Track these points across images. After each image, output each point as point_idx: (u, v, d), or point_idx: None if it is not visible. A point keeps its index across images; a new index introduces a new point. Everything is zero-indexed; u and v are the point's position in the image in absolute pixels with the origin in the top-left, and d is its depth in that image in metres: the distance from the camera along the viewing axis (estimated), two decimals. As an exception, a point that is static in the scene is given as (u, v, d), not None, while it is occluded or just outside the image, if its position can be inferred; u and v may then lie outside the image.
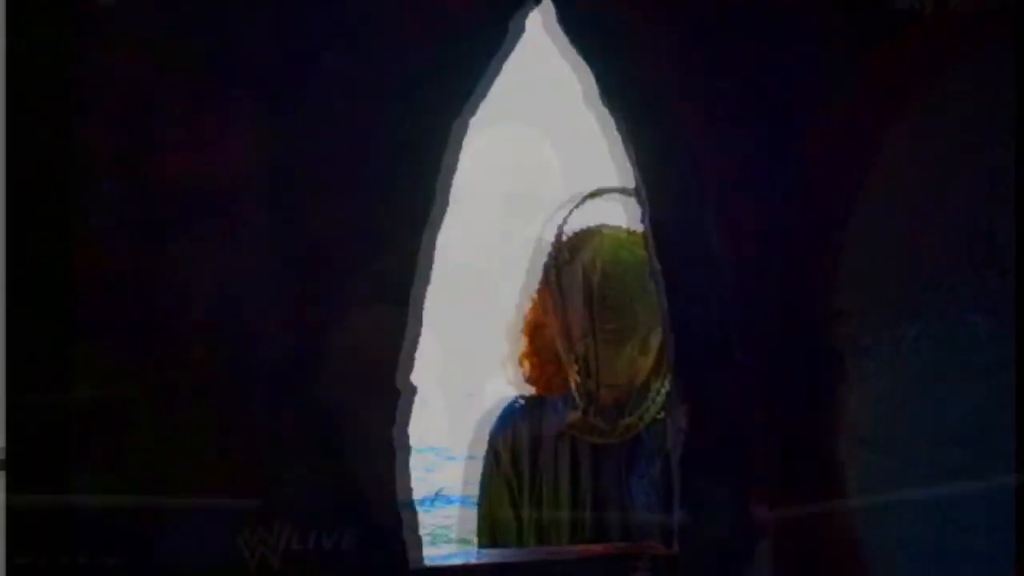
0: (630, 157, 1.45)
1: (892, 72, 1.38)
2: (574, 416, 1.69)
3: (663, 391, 1.68)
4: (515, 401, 1.82)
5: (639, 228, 1.64)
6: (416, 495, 1.38)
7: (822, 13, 1.40)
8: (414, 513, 1.37)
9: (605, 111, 1.43)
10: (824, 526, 1.42)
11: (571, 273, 1.72)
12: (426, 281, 1.36)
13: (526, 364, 1.81)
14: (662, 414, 1.67)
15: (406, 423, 1.36)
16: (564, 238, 1.75)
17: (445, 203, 1.37)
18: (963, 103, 1.34)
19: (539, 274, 1.78)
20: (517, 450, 1.75)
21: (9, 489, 1.18)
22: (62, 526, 1.21)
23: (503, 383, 1.86)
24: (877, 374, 1.39)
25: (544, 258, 1.77)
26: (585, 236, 1.74)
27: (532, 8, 1.39)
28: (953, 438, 1.33)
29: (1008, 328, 1.29)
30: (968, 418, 1.32)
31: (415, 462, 1.38)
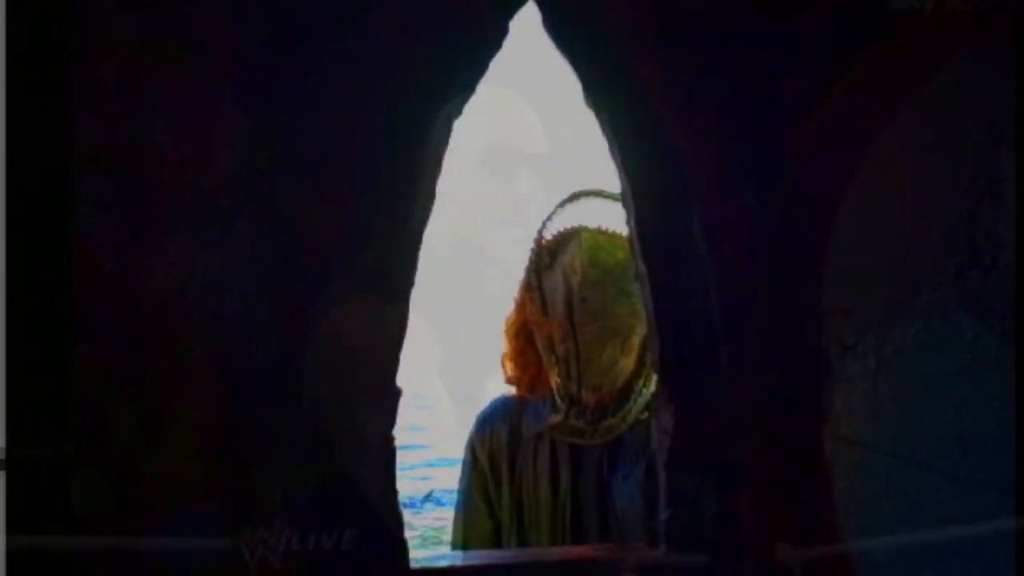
0: (615, 158, 1.45)
1: (879, 72, 1.38)
2: (555, 418, 1.69)
3: (645, 392, 1.68)
4: (494, 403, 1.82)
5: (619, 229, 1.64)
6: (408, 496, 1.38)
7: (811, 13, 1.41)
8: (401, 515, 1.37)
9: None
10: (809, 526, 1.42)
11: (551, 276, 1.73)
12: (414, 280, 1.36)
13: (508, 366, 1.81)
14: (645, 415, 1.67)
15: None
16: (544, 241, 1.75)
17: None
18: (945, 104, 1.35)
19: (521, 277, 1.79)
20: (494, 452, 1.75)
21: (9, 482, 1.18)
22: (62, 524, 1.21)
23: (500, 377, 1.86)
24: (862, 373, 1.40)
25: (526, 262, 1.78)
26: (565, 239, 1.74)
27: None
28: (939, 439, 1.34)
29: (993, 328, 1.30)
30: (953, 417, 1.33)
31: (411, 462, 1.38)
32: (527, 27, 1.43)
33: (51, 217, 1.22)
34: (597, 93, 1.41)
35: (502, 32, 1.38)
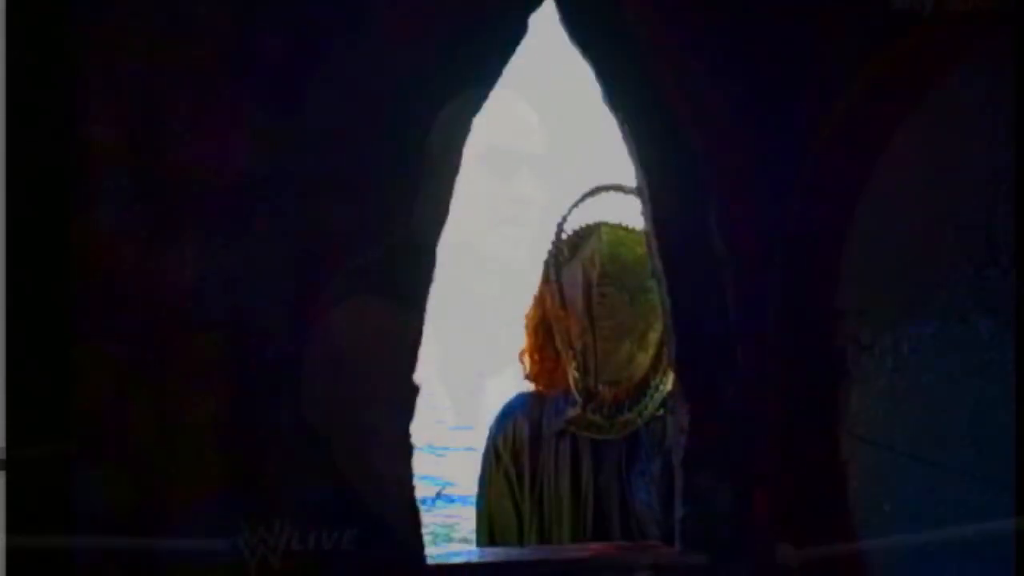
0: (633, 156, 1.45)
1: (894, 72, 1.38)
2: (573, 413, 1.70)
3: (662, 388, 1.69)
4: (516, 398, 1.83)
5: (639, 225, 1.65)
6: (417, 494, 1.39)
7: (824, 13, 1.41)
8: (418, 512, 1.37)
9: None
10: (824, 525, 1.42)
11: (571, 271, 1.73)
12: (432, 279, 1.37)
13: (528, 361, 1.81)
14: (661, 410, 1.68)
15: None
16: (564, 236, 1.76)
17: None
18: (962, 103, 1.35)
19: (541, 272, 1.79)
20: (517, 447, 1.75)
21: (9, 484, 1.18)
22: (62, 524, 1.21)
23: (504, 380, 1.86)
24: (878, 373, 1.40)
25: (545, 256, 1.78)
26: (585, 234, 1.74)
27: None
28: (954, 437, 1.33)
29: (1010, 328, 1.29)
30: (969, 417, 1.32)
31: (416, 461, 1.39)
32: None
33: (59, 215, 1.22)
34: (615, 91, 1.42)
35: (519, 31, 1.38)
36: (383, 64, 1.33)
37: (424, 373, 1.37)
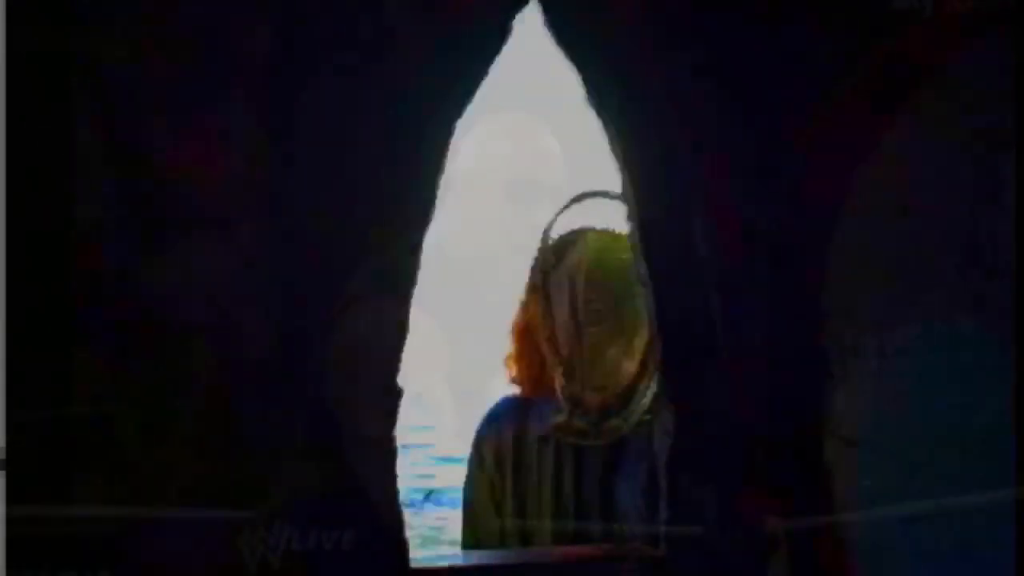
0: (617, 159, 1.45)
1: (884, 74, 1.38)
2: (559, 419, 1.70)
3: (648, 394, 1.69)
4: (501, 403, 1.83)
5: (625, 230, 1.65)
6: (409, 496, 1.38)
7: (814, 13, 1.41)
8: (402, 515, 1.37)
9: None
10: (812, 528, 1.42)
11: (557, 277, 1.73)
12: (415, 284, 1.37)
13: (513, 367, 1.82)
14: (647, 416, 1.68)
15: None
16: (549, 242, 1.76)
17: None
18: (955, 104, 1.35)
19: (526, 278, 1.79)
20: (501, 452, 1.75)
21: (9, 490, 1.18)
22: (61, 526, 1.21)
23: (504, 383, 1.87)
24: (864, 376, 1.40)
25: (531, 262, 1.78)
26: (570, 240, 1.75)
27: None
28: (940, 439, 1.34)
29: (994, 329, 1.30)
30: (954, 419, 1.33)
31: (411, 462, 1.38)
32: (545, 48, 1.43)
33: (56, 220, 1.22)
34: (599, 93, 1.41)
35: (504, 33, 1.38)
36: (368, 70, 1.33)
37: (430, 381, 1.37)
